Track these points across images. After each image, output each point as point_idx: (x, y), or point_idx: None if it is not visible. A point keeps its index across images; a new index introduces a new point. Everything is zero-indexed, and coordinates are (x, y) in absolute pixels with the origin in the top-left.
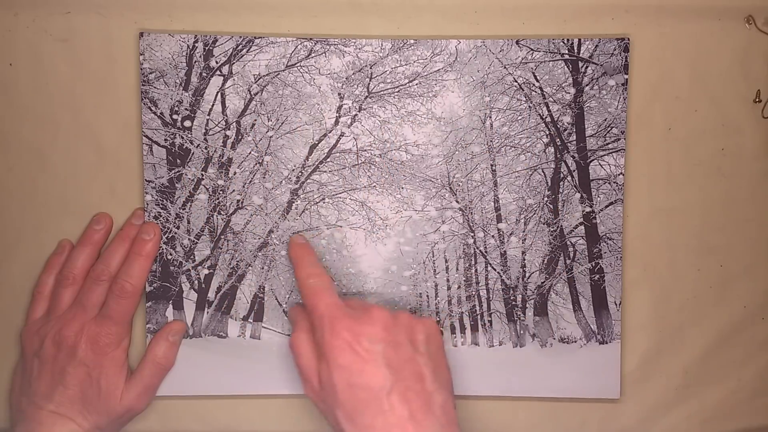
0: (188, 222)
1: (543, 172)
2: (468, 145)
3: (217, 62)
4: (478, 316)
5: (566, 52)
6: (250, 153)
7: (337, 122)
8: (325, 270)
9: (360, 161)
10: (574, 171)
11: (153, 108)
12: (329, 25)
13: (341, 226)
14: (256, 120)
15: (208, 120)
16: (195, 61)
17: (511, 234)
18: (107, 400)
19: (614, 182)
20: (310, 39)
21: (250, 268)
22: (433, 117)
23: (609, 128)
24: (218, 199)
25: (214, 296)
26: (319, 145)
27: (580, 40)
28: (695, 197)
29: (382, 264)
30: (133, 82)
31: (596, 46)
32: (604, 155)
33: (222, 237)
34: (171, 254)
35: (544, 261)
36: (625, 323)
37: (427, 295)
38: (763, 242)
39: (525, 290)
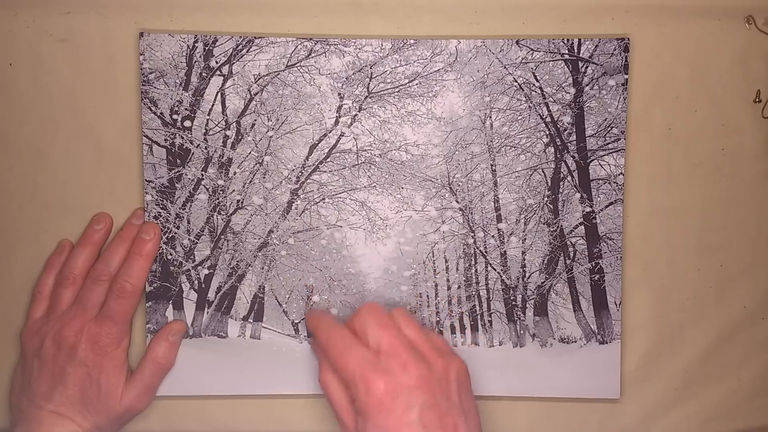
0: (188, 222)
1: (543, 172)
2: (468, 145)
3: (217, 62)
4: (478, 316)
5: (566, 52)
6: (250, 153)
7: (337, 122)
8: (345, 329)
9: (360, 161)
10: (574, 171)
11: (153, 108)
12: (329, 25)
13: (341, 226)
14: (256, 120)
15: (208, 120)
16: (195, 61)
17: (511, 234)
18: (107, 400)
19: (614, 182)
20: (310, 39)
21: (250, 268)
22: (433, 117)
23: (609, 128)
24: (218, 199)
25: (214, 296)
26: (319, 145)
27: (580, 40)
28: (695, 197)
29: (382, 264)
30: (133, 82)
31: (596, 46)
32: (604, 155)
33: (222, 237)
34: (171, 254)
35: (544, 261)
36: (625, 323)
37: (427, 295)
38: (763, 242)
39: (525, 290)
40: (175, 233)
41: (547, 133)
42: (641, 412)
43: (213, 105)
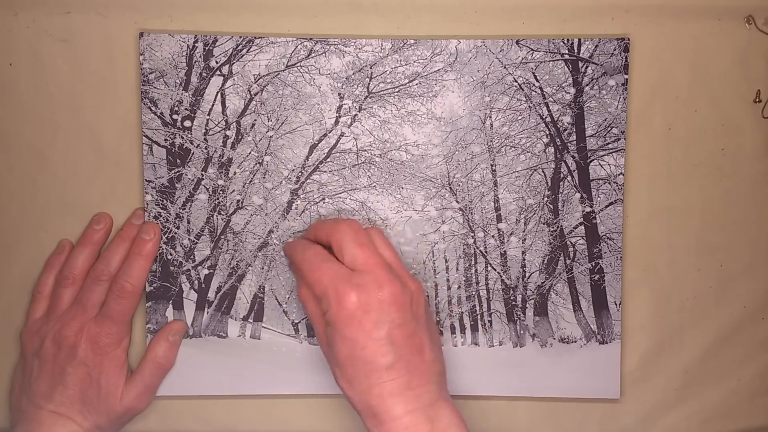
0: (188, 222)
1: (543, 172)
2: (468, 145)
3: (217, 62)
4: (478, 316)
5: (566, 52)
6: (250, 153)
7: (337, 122)
8: (320, 247)
9: (360, 161)
10: (574, 171)
11: (153, 108)
12: (329, 25)
13: None
14: (256, 120)
15: (208, 120)
16: (195, 61)
17: (511, 234)
18: (107, 400)
19: (614, 182)
20: (310, 39)
21: (250, 268)
22: (433, 117)
23: (609, 128)
24: (218, 199)
25: (214, 296)
26: (319, 145)
27: (580, 40)
28: (695, 197)
29: None
30: (133, 82)
31: (596, 46)
32: (604, 155)
33: (222, 237)
34: (171, 254)
35: (544, 261)
36: (625, 323)
37: (427, 295)
38: (763, 242)
39: (525, 290)
40: (175, 233)
41: (547, 133)
42: (641, 412)
43: (213, 105)
